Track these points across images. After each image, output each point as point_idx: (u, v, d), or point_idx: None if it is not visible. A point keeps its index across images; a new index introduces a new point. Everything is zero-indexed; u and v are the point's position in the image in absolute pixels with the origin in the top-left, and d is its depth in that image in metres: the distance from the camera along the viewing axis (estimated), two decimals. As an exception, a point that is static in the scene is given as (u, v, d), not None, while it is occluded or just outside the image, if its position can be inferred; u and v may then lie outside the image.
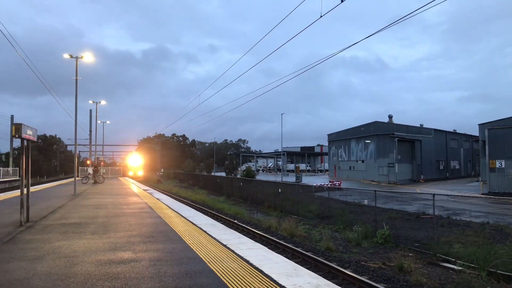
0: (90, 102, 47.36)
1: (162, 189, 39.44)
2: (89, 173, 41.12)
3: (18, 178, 44.08)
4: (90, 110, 46.47)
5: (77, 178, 27.58)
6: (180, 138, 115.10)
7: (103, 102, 48.75)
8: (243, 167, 77.82)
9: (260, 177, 59.15)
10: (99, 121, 56.59)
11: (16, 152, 65.83)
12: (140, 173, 65.99)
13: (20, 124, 10.39)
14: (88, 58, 26.27)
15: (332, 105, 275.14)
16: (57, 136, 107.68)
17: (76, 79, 26.21)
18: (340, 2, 9.57)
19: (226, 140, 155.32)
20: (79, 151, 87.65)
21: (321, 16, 10.06)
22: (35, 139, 11.81)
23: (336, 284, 5.74)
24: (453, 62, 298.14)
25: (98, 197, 21.79)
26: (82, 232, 10.26)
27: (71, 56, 25.71)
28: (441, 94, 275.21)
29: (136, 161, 66.88)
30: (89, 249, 8.14)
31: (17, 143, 61.24)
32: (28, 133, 10.97)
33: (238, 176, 53.53)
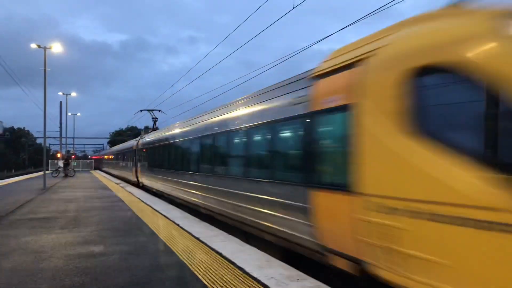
0: (60, 94, 46.24)
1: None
2: (59, 167, 40.07)
3: (-16, 172, 42.58)
4: (60, 102, 45.29)
5: (47, 172, 26.88)
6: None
7: (73, 94, 47.73)
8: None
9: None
10: (69, 114, 55.28)
11: (-18, 145, 63.55)
12: None
13: (-16, 116, 10.01)
14: (57, 48, 25.49)
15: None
16: (26, 129, 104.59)
17: (45, 70, 25.39)
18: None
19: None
20: (49, 144, 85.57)
21: (293, 7, 10.07)
22: (0, 131, 11.40)
23: (308, 274, 5.80)
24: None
25: (68, 191, 21.31)
26: (51, 226, 10.00)
27: (39, 46, 24.86)
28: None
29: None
30: (58, 244, 7.95)
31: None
32: (-7, 125, 10.58)
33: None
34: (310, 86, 6.30)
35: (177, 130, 16.36)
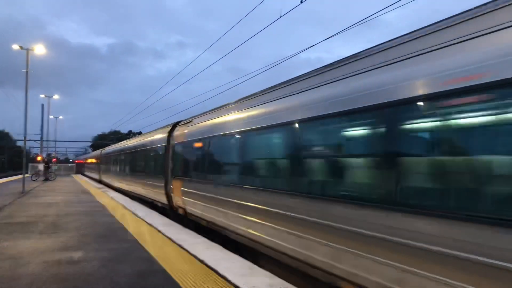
0: (42, 96, 45.59)
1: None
2: (39, 170, 39.33)
3: (-39, 174, 41.49)
4: (42, 105, 44.61)
5: (26, 175, 26.35)
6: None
7: (56, 97, 47.14)
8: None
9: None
10: (51, 116, 54.54)
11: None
12: None
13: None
14: (40, 50, 25.13)
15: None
16: (6, 131, 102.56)
17: (27, 72, 24.98)
18: (300, 3, 9.67)
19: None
20: (30, 147, 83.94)
21: (280, 16, 10.14)
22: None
23: (291, 283, 5.77)
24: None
25: (48, 195, 20.90)
26: (29, 231, 9.78)
27: (21, 48, 24.47)
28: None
29: None
30: (36, 249, 7.77)
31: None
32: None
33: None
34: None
35: None
